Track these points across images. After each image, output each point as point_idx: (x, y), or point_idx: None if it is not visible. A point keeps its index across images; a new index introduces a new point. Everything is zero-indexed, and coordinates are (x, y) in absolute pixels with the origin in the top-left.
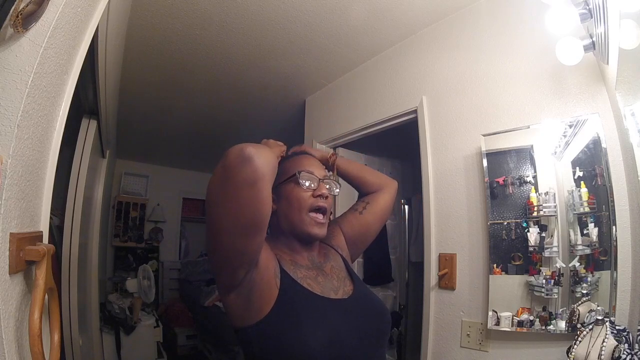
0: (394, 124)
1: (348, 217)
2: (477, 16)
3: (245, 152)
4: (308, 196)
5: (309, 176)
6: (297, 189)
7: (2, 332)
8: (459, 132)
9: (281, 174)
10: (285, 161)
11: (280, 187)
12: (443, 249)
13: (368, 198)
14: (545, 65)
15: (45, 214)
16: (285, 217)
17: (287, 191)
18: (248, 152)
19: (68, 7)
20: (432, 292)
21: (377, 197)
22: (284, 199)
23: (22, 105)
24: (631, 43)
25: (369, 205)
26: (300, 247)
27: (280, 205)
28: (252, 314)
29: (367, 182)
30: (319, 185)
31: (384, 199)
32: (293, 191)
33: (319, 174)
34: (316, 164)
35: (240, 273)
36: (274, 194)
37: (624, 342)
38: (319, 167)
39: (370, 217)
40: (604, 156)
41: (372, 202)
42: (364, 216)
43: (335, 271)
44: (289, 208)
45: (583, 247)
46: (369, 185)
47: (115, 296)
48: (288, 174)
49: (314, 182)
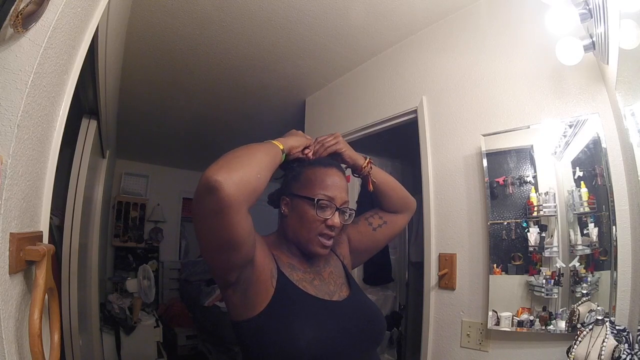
0: (394, 124)
1: (359, 228)
2: (477, 16)
3: (211, 182)
4: (321, 221)
5: (327, 204)
6: (312, 211)
7: (2, 332)
8: (459, 132)
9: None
10: (310, 168)
11: (296, 198)
12: (443, 249)
13: (387, 217)
14: (545, 65)
15: (45, 214)
16: (293, 229)
17: (301, 208)
18: (214, 181)
19: (68, 7)
20: (432, 292)
21: (397, 220)
22: (296, 212)
23: (22, 105)
24: (631, 43)
25: (385, 225)
26: (301, 254)
27: (292, 215)
28: (247, 309)
29: (394, 202)
30: (334, 214)
31: (402, 222)
32: (308, 212)
33: (339, 201)
34: (340, 186)
35: (232, 276)
36: (288, 198)
37: (624, 342)
38: (341, 190)
39: (382, 237)
40: (604, 156)
41: (389, 224)
42: (376, 234)
43: (333, 277)
44: (300, 224)
45: (583, 247)
46: (394, 205)
47: (115, 296)
48: (308, 187)
49: (330, 211)
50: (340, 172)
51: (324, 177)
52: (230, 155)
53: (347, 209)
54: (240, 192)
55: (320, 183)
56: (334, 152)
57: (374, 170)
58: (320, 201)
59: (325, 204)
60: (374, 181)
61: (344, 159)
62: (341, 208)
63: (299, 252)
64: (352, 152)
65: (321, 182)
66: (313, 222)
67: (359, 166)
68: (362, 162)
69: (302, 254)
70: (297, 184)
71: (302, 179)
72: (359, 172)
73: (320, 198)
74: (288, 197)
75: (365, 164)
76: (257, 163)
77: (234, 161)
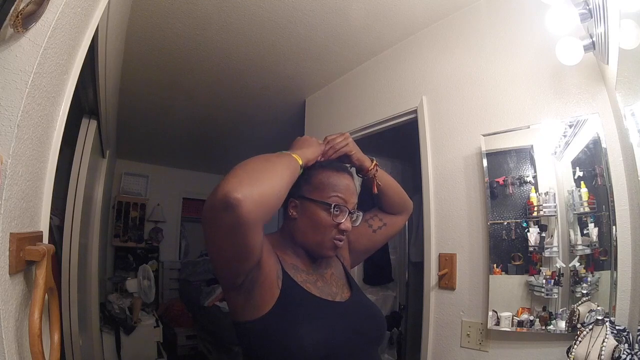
0: (394, 124)
1: (359, 230)
2: (477, 16)
3: (230, 199)
4: (335, 226)
5: (341, 208)
6: (326, 215)
7: (2, 332)
8: (459, 132)
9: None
10: (322, 171)
11: (307, 202)
12: (443, 249)
13: (386, 219)
14: (545, 65)
15: (45, 214)
16: (303, 232)
17: (314, 211)
18: (234, 199)
19: (68, 7)
20: (432, 292)
21: (396, 221)
22: (307, 216)
23: (22, 105)
24: (631, 43)
25: (385, 227)
26: (306, 256)
27: (302, 219)
28: (252, 311)
29: (393, 203)
30: (346, 218)
31: (400, 224)
32: (321, 216)
33: (351, 205)
34: (352, 190)
35: (239, 279)
36: (298, 201)
37: (624, 342)
38: (353, 194)
39: (381, 238)
40: (604, 156)
41: (389, 225)
42: (375, 235)
43: (335, 278)
44: (312, 228)
45: (583, 247)
46: (395, 207)
47: (115, 296)
48: (321, 191)
49: (343, 215)
50: (351, 175)
51: (337, 181)
52: (249, 167)
53: (356, 212)
54: (259, 211)
55: (334, 187)
56: (344, 154)
57: (379, 173)
58: (335, 207)
59: (341, 208)
60: (379, 184)
61: (352, 160)
62: (352, 211)
63: (304, 253)
64: (360, 153)
65: (335, 186)
66: (327, 227)
67: (366, 168)
68: (368, 164)
69: (306, 256)
70: (309, 186)
71: (313, 181)
72: (365, 174)
73: (337, 203)
74: (298, 199)
75: (372, 167)
76: (279, 179)
77: (255, 176)
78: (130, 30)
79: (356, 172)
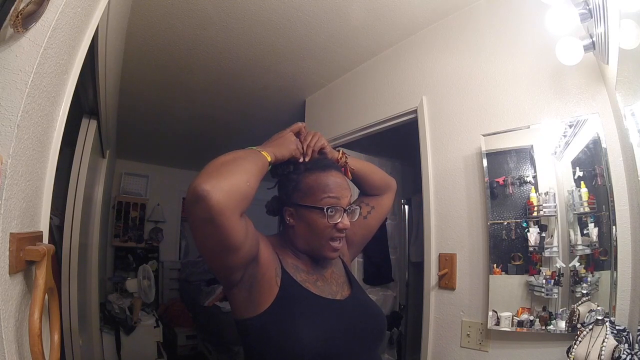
0: (394, 124)
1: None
2: (477, 16)
3: (198, 191)
4: (331, 227)
5: (336, 209)
6: (321, 219)
7: (2, 332)
8: (459, 132)
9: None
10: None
11: (301, 209)
12: (443, 249)
13: (373, 202)
14: (545, 65)
15: (45, 214)
16: (303, 238)
17: (309, 217)
18: (201, 190)
19: (68, 7)
20: (432, 292)
21: (382, 202)
22: (304, 222)
23: (22, 105)
24: (631, 43)
25: (374, 210)
26: (307, 257)
27: (300, 225)
28: (252, 307)
29: (374, 184)
30: (343, 216)
31: (388, 203)
32: (317, 220)
33: (345, 201)
34: (344, 186)
35: (236, 276)
36: (292, 209)
37: (624, 342)
38: (345, 190)
39: (374, 222)
40: (604, 156)
41: (377, 207)
42: (368, 221)
43: (335, 276)
44: (310, 233)
45: (583, 247)
46: (375, 188)
47: (115, 296)
48: (312, 195)
49: (339, 214)
50: (339, 171)
51: (326, 181)
52: (217, 163)
53: (352, 207)
54: (230, 199)
55: (325, 188)
56: (320, 148)
57: (350, 160)
58: (329, 209)
59: (335, 209)
60: (352, 169)
61: (326, 154)
62: (348, 208)
63: (306, 255)
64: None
65: (325, 187)
66: (324, 229)
67: (336, 159)
68: (337, 155)
69: (307, 257)
70: (299, 193)
71: (303, 187)
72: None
73: (329, 206)
74: (292, 207)
75: (340, 155)
76: (246, 171)
77: (222, 169)
78: (130, 30)
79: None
